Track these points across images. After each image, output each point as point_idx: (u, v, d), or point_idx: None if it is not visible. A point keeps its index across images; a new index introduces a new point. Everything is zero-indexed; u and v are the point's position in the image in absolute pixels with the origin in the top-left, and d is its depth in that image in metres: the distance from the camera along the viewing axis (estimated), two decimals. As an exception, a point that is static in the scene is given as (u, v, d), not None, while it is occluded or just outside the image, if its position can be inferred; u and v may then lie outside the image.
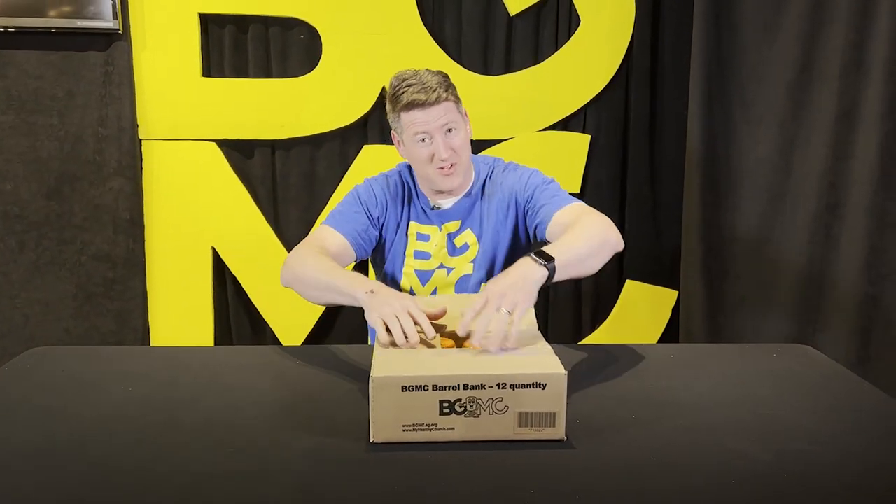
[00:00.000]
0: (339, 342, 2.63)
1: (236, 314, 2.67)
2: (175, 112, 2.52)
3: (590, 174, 2.66)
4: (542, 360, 1.10)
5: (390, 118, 1.59)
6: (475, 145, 2.53)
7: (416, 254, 1.65)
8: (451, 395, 1.02)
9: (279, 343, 2.64)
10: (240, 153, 2.59)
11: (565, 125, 2.64)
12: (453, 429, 1.03)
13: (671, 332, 2.73)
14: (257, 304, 2.63)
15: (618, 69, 2.59)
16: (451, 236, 1.65)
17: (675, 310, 2.71)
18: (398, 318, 1.18)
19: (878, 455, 1.04)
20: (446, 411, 1.03)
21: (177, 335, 2.62)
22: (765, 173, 2.40)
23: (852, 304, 2.21)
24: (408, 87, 1.51)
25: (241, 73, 2.54)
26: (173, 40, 2.48)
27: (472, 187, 1.66)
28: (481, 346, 1.12)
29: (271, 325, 2.65)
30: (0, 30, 2.37)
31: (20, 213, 2.52)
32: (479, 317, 1.15)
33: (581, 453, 1.03)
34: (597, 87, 2.60)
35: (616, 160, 2.68)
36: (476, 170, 1.68)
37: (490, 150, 2.56)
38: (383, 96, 2.52)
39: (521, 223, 1.63)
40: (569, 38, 2.58)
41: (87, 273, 2.57)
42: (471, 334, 1.17)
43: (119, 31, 2.43)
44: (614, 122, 2.65)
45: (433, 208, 1.65)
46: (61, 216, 2.54)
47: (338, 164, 2.61)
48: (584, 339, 2.75)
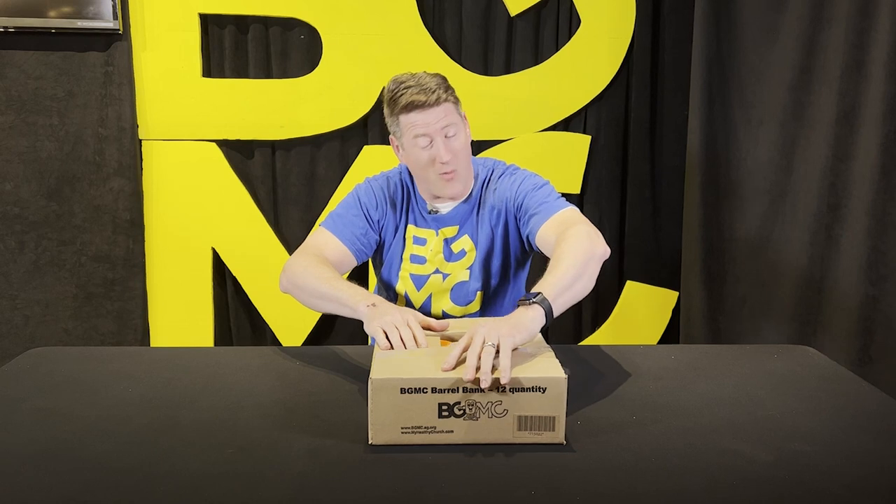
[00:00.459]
0: (339, 343, 2.63)
1: (236, 315, 2.67)
2: (175, 112, 2.52)
3: (590, 175, 2.66)
4: (542, 363, 1.10)
5: (389, 122, 1.56)
6: (475, 146, 2.54)
7: (412, 258, 1.63)
8: (450, 398, 1.02)
9: (279, 344, 2.64)
10: (240, 153, 2.59)
11: (566, 126, 2.64)
12: (452, 432, 1.03)
13: (671, 334, 2.73)
14: (257, 305, 2.63)
15: (618, 70, 2.59)
16: (448, 241, 1.62)
17: (676, 311, 2.71)
18: (398, 329, 1.19)
19: (879, 456, 1.04)
20: (445, 414, 1.02)
21: (176, 336, 2.62)
22: (765, 174, 2.39)
23: (853, 305, 2.20)
24: (406, 88, 1.48)
25: (241, 73, 2.54)
26: (173, 41, 2.48)
27: (472, 192, 1.62)
28: (471, 383, 1.04)
29: (271, 326, 2.65)
30: (0, 30, 2.37)
31: (20, 214, 2.52)
32: (466, 352, 1.10)
33: (581, 455, 1.02)
34: (597, 88, 2.60)
35: (616, 161, 2.67)
36: (475, 173, 1.64)
37: (490, 150, 2.56)
38: (382, 99, 2.52)
39: (512, 231, 1.60)
40: (569, 38, 2.58)
41: (86, 273, 2.57)
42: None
43: (119, 32, 2.43)
44: (615, 123, 2.65)
45: (430, 212, 1.62)
46: (61, 216, 2.54)
47: (338, 165, 2.61)
48: (585, 340, 2.75)
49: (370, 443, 1.04)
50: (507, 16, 2.57)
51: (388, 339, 1.19)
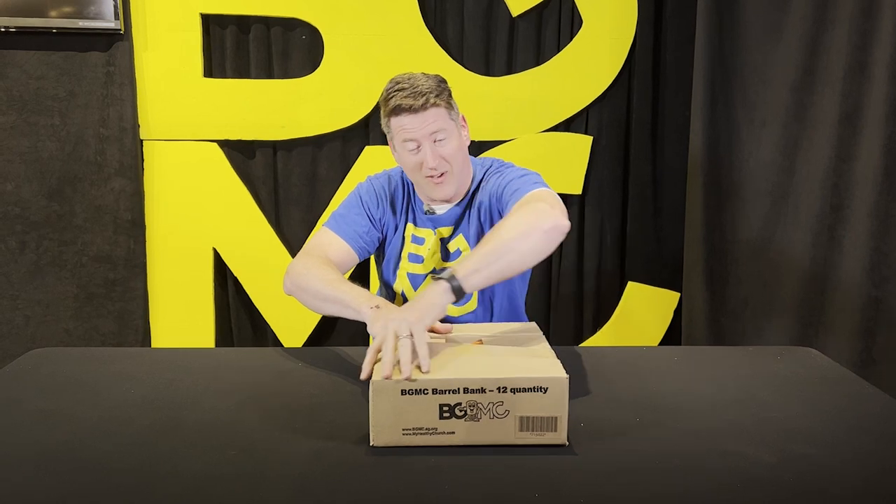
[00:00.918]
0: (340, 344, 2.63)
1: (237, 315, 2.67)
2: (176, 112, 2.52)
3: (592, 175, 2.65)
4: (543, 363, 1.10)
5: (382, 122, 1.55)
6: (477, 147, 2.54)
7: (410, 256, 1.63)
8: (451, 399, 1.02)
9: (280, 344, 2.63)
10: (241, 154, 2.58)
11: (567, 126, 2.63)
12: (454, 433, 1.03)
13: (673, 335, 2.72)
14: (258, 306, 2.63)
15: (620, 70, 2.58)
16: (445, 241, 1.62)
17: (677, 312, 2.70)
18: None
19: (883, 458, 1.03)
20: (446, 415, 1.02)
21: (177, 336, 2.62)
22: (768, 175, 2.39)
23: (855, 307, 2.20)
24: (398, 91, 1.47)
25: (242, 73, 2.54)
26: (175, 41, 2.47)
27: (467, 193, 1.61)
28: (384, 376, 1.04)
29: (272, 327, 2.64)
30: (1, 30, 2.37)
31: (21, 214, 2.52)
32: (382, 352, 1.10)
33: (584, 457, 1.02)
34: (599, 89, 2.59)
35: (618, 161, 2.67)
36: (473, 174, 1.63)
37: (492, 151, 2.55)
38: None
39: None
40: (571, 39, 2.57)
41: (87, 274, 2.57)
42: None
43: (121, 32, 2.42)
44: (616, 124, 2.64)
45: (427, 213, 1.62)
46: (62, 217, 2.53)
47: (339, 165, 2.60)
48: (586, 341, 2.74)
49: (371, 444, 1.04)
50: (509, 16, 2.57)
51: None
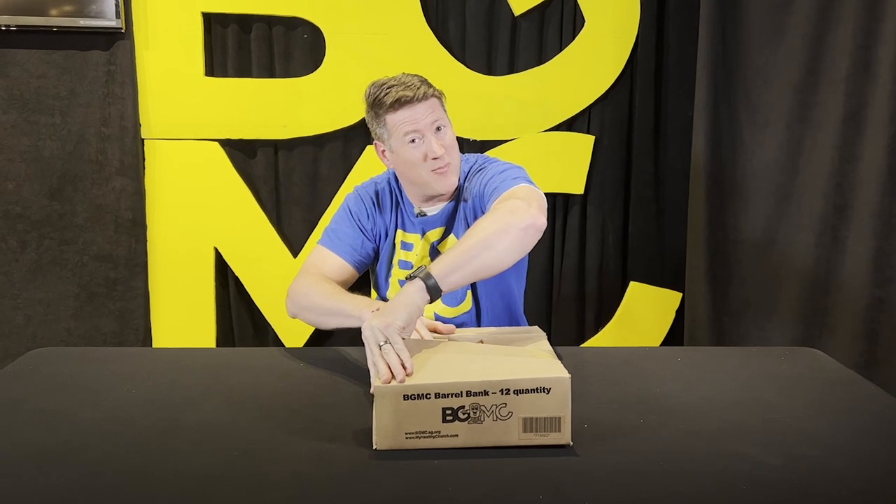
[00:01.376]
0: (341, 344, 2.61)
1: (238, 315, 2.66)
2: (178, 111, 2.51)
3: (594, 175, 2.64)
4: (545, 363, 1.09)
5: (374, 126, 1.53)
6: (479, 146, 2.54)
7: (400, 263, 1.62)
8: (454, 403, 1.01)
9: (281, 344, 2.63)
10: (242, 153, 2.58)
11: (569, 126, 2.62)
12: (457, 435, 1.02)
13: (675, 335, 2.71)
14: (259, 305, 2.62)
15: (622, 70, 2.58)
16: (435, 244, 1.60)
17: (679, 312, 2.70)
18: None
19: (887, 460, 1.03)
20: (449, 418, 1.02)
21: (178, 336, 2.62)
22: (771, 175, 2.38)
23: (859, 307, 2.20)
24: (389, 88, 1.47)
25: (244, 72, 2.53)
26: (176, 39, 2.47)
27: (456, 190, 1.60)
28: (384, 381, 1.05)
29: (273, 327, 2.64)
30: (2, 28, 2.37)
31: (22, 213, 2.52)
32: (372, 362, 1.12)
33: (588, 459, 1.02)
34: (601, 88, 2.58)
35: (620, 161, 2.66)
36: (461, 170, 1.61)
37: (494, 150, 2.55)
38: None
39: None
40: (573, 38, 2.56)
41: (88, 273, 2.56)
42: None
43: (122, 30, 2.42)
44: (619, 123, 2.63)
45: (418, 215, 1.60)
46: (63, 216, 2.53)
47: (340, 164, 2.60)
48: (588, 342, 2.74)
49: (374, 448, 1.03)
50: (511, 15, 2.56)
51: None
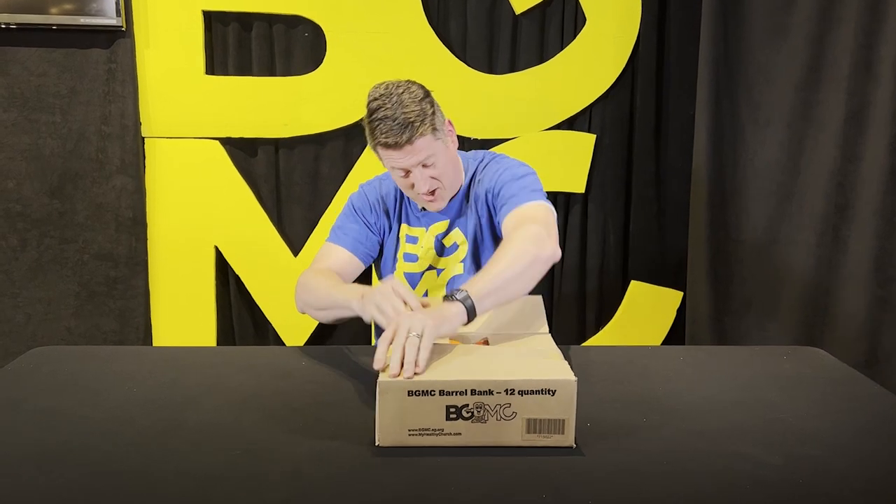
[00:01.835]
0: (342, 342, 2.63)
1: (239, 314, 2.66)
2: (178, 110, 2.51)
3: (595, 174, 2.64)
4: (552, 365, 1.09)
5: (368, 139, 1.51)
6: (480, 145, 2.53)
7: (405, 256, 1.65)
8: (458, 401, 1.01)
9: (282, 343, 2.63)
10: (243, 151, 2.58)
11: (570, 125, 2.62)
12: (460, 434, 1.02)
13: (676, 334, 2.71)
14: (260, 304, 2.62)
15: (624, 68, 2.57)
16: (440, 237, 1.63)
17: (681, 311, 2.70)
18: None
19: (890, 459, 1.03)
20: (453, 416, 1.01)
21: (179, 334, 2.62)
22: (772, 174, 2.38)
23: (860, 307, 2.19)
24: (381, 121, 1.43)
25: (244, 71, 2.53)
26: (177, 38, 2.46)
27: (461, 187, 1.62)
28: (392, 374, 1.04)
29: (274, 325, 2.64)
30: (2, 26, 2.36)
31: (22, 211, 2.51)
32: (392, 345, 1.09)
33: (591, 458, 1.01)
34: (602, 87, 2.58)
35: (621, 160, 2.66)
36: (465, 167, 1.64)
37: (494, 149, 2.53)
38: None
39: (496, 221, 1.58)
40: (574, 37, 2.56)
41: (89, 272, 2.56)
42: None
43: (122, 29, 2.41)
44: (620, 122, 2.63)
45: (422, 209, 1.63)
46: (63, 214, 2.53)
47: (341, 163, 2.59)
48: (589, 340, 2.74)
49: (377, 444, 1.03)
50: (512, 14, 2.55)
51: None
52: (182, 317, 2.62)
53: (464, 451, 1.01)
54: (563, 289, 2.70)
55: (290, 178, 2.61)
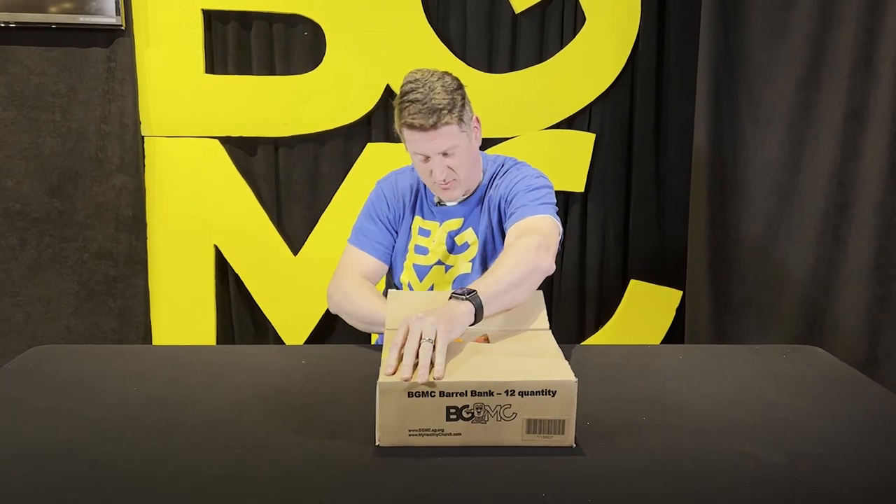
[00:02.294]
0: (341, 342, 2.63)
1: (238, 312, 2.66)
2: (178, 109, 2.51)
3: (594, 173, 2.64)
4: (552, 365, 1.08)
5: (395, 121, 1.55)
6: (480, 144, 2.53)
7: (416, 248, 1.68)
8: (458, 402, 1.01)
9: (281, 342, 2.63)
10: (243, 150, 2.58)
11: (570, 124, 2.62)
12: (460, 434, 1.02)
13: (675, 333, 2.72)
14: (259, 303, 2.62)
15: (623, 67, 2.58)
16: (452, 234, 1.65)
17: (680, 310, 2.70)
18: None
19: (890, 458, 1.03)
20: (453, 417, 1.01)
21: (179, 333, 2.62)
22: (772, 173, 2.38)
23: (860, 306, 2.19)
24: (411, 102, 1.46)
25: (244, 70, 2.53)
26: (176, 37, 2.46)
27: (478, 188, 1.66)
28: (404, 378, 1.02)
29: (273, 324, 2.64)
30: (2, 25, 2.36)
31: (22, 210, 2.51)
32: (403, 349, 1.06)
33: (591, 457, 1.01)
34: (602, 86, 2.58)
35: (621, 159, 2.66)
36: (484, 168, 1.67)
37: (494, 148, 2.54)
38: (387, 94, 2.51)
39: (505, 228, 1.60)
40: (574, 36, 2.56)
41: (88, 270, 2.56)
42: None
43: (122, 28, 2.41)
44: (620, 121, 2.63)
45: (438, 204, 1.67)
46: (63, 213, 2.53)
47: (341, 162, 2.59)
48: (588, 339, 2.74)
49: (377, 444, 1.03)
50: (512, 13, 2.55)
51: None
52: (182, 316, 2.62)
53: (464, 451, 1.01)
54: (563, 287, 2.70)
55: (290, 177, 2.61)
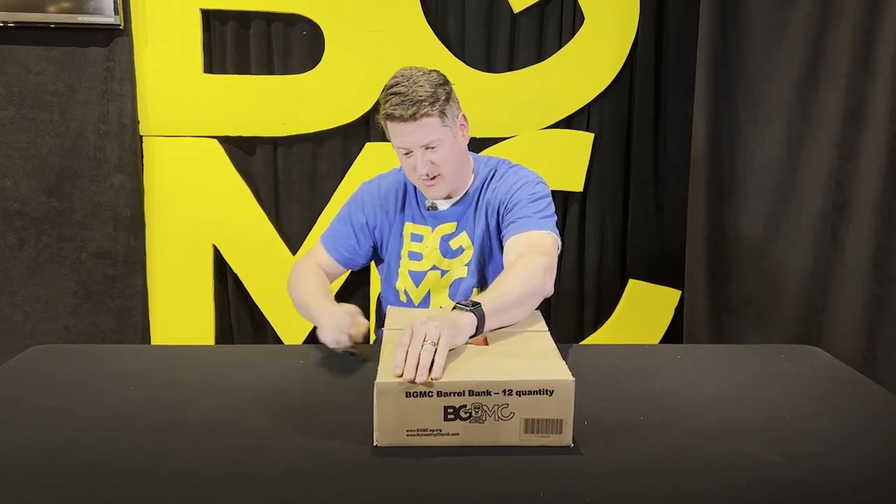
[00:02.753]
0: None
1: (237, 312, 2.66)
2: (176, 108, 2.50)
3: (593, 173, 2.64)
4: (549, 365, 1.09)
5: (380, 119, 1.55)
6: (479, 144, 2.53)
7: (410, 254, 1.65)
8: (456, 402, 1.01)
9: (280, 341, 2.63)
10: (241, 150, 2.57)
11: (569, 123, 2.62)
12: (458, 434, 1.02)
13: (674, 332, 2.72)
14: (258, 302, 2.62)
15: (622, 67, 2.57)
16: (446, 238, 1.63)
17: (679, 310, 2.70)
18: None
19: (889, 457, 1.03)
20: (451, 417, 1.01)
21: (177, 333, 2.61)
22: (770, 172, 2.38)
23: (858, 305, 2.19)
24: (393, 94, 1.47)
25: (242, 69, 2.52)
26: (175, 36, 2.46)
27: (470, 190, 1.63)
28: (407, 379, 1.03)
29: (272, 324, 2.64)
30: (0, 25, 2.36)
31: (20, 210, 2.51)
32: (406, 350, 1.07)
33: (589, 456, 1.02)
34: (601, 85, 2.58)
35: (620, 159, 2.66)
36: (475, 171, 1.65)
37: (493, 148, 2.54)
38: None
39: (503, 234, 1.59)
40: (573, 35, 2.56)
41: (87, 270, 2.56)
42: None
43: (120, 27, 2.41)
44: (618, 121, 2.63)
45: (429, 208, 1.64)
46: (62, 213, 2.52)
47: (340, 162, 2.59)
48: (587, 339, 2.74)
49: (375, 444, 1.03)
50: (511, 13, 2.55)
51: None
52: (180, 315, 2.62)
53: (462, 451, 1.01)
54: (562, 287, 2.70)
55: (289, 177, 2.61)
